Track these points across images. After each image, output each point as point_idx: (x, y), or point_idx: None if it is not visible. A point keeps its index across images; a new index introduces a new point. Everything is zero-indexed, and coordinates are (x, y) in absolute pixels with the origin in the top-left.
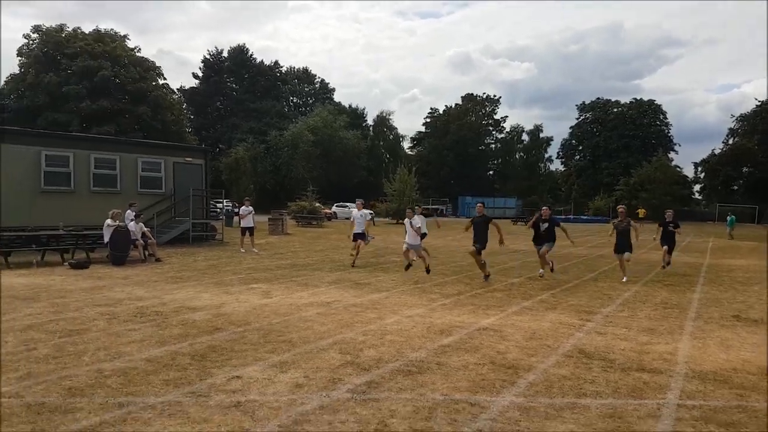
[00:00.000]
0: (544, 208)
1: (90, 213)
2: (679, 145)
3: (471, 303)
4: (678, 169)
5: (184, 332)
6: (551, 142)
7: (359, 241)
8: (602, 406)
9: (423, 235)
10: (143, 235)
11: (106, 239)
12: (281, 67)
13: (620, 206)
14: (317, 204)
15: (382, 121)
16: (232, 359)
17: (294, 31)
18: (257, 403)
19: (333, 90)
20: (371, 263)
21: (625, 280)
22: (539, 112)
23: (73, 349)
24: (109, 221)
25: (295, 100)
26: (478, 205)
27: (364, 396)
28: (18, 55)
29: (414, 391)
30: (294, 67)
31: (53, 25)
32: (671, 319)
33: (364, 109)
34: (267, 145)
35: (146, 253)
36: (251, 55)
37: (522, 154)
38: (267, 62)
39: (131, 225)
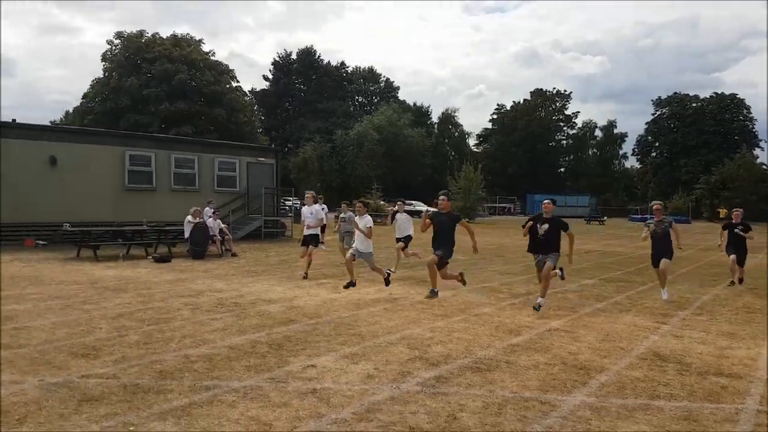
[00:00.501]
0: (545, 201)
1: (171, 210)
2: (766, 142)
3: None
4: (764, 166)
5: (261, 323)
6: (626, 139)
7: (310, 246)
8: (676, 408)
9: (408, 238)
10: (220, 231)
11: (187, 235)
12: (347, 67)
13: (656, 203)
14: (381, 202)
15: (447, 118)
16: (307, 349)
17: (360, 30)
18: (331, 391)
19: (398, 88)
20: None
21: (666, 297)
22: (613, 107)
23: (161, 336)
24: (189, 218)
25: (360, 100)
26: (442, 198)
27: (434, 390)
28: (102, 60)
29: (483, 387)
30: (360, 67)
31: (134, 31)
32: (754, 324)
33: (429, 106)
34: (333, 144)
35: (223, 248)
36: (318, 56)
37: (595, 150)
38: (333, 63)
39: (209, 221)
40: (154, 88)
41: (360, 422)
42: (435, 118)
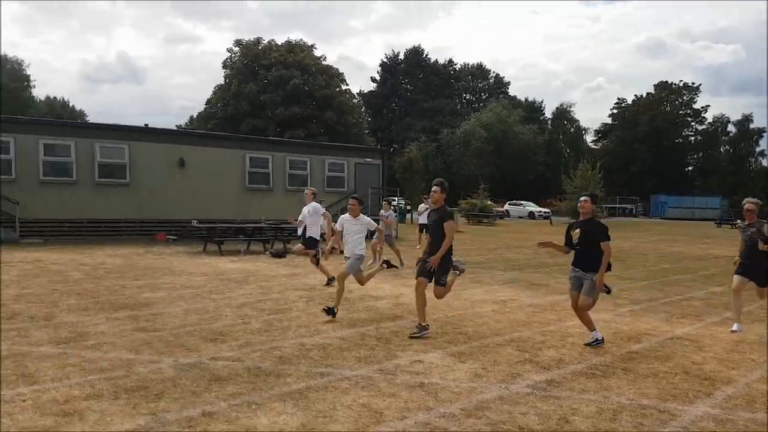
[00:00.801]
0: (582, 199)
1: (285, 208)
2: None
3: (664, 311)
4: None
5: (370, 317)
6: (764, 134)
7: (308, 248)
8: None
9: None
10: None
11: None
12: (455, 64)
13: (748, 201)
14: (489, 202)
15: (562, 113)
16: (413, 345)
17: (469, 25)
18: (439, 386)
19: (508, 84)
20: (547, 264)
21: (737, 328)
22: (749, 100)
23: (280, 325)
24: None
25: (468, 97)
26: (434, 188)
27: (545, 393)
28: (223, 67)
29: (597, 393)
30: (468, 64)
31: (251, 39)
32: None
33: (542, 102)
34: (439, 144)
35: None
36: (426, 55)
37: (728, 147)
38: (441, 61)
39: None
40: (271, 94)
41: (468, 418)
42: (549, 114)
